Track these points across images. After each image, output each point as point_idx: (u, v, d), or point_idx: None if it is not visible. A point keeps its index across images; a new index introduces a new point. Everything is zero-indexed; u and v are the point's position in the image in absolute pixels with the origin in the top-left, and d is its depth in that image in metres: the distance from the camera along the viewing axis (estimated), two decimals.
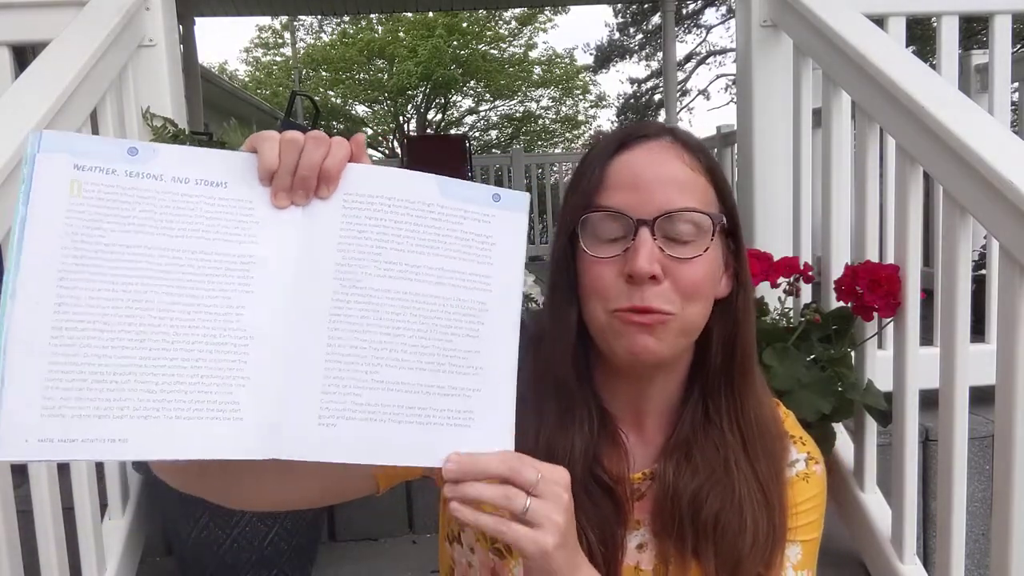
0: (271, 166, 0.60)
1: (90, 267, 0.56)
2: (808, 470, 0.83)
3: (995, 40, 1.91)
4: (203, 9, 6.24)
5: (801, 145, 1.90)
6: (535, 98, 21.17)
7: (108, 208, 0.57)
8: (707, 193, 0.76)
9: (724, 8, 17.43)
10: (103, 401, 0.55)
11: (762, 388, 0.83)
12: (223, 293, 0.59)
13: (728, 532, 0.76)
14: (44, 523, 1.30)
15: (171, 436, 0.56)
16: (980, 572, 1.85)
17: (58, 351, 0.54)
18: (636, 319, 0.72)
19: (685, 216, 0.73)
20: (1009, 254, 1.18)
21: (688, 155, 0.76)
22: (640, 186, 0.73)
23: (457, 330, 0.63)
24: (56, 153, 0.56)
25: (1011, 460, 1.18)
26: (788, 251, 1.88)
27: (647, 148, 0.76)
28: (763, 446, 0.79)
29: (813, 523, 0.83)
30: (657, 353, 0.74)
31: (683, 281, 0.73)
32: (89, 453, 0.55)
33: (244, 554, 1.55)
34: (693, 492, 0.76)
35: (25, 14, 1.75)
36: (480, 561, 0.83)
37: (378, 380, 0.61)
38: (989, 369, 1.22)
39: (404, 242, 0.62)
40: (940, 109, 1.34)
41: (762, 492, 0.77)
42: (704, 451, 0.78)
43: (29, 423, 0.53)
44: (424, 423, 0.62)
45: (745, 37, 2.02)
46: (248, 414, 0.58)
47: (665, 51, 6.92)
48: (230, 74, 19.78)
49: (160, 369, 0.56)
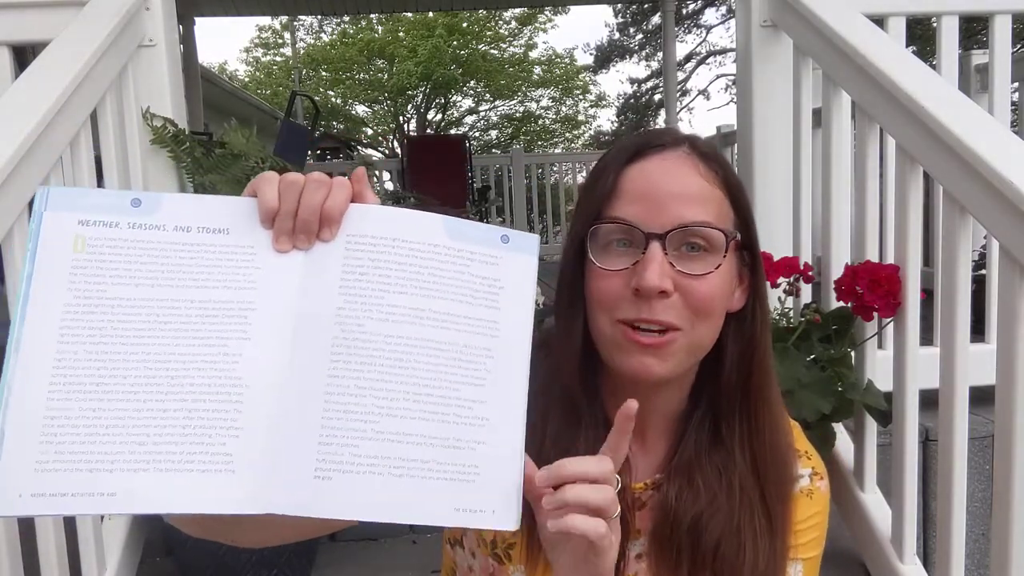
0: (271, 208, 0.59)
1: (90, 322, 0.56)
2: (812, 486, 0.82)
3: (995, 40, 1.91)
4: (203, 9, 6.24)
5: (801, 145, 1.90)
6: (535, 98, 21.17)
7: (110, 262, 0.57)
8: (722, 206, 0.74)
9: (724, 8, 17.43)
10: (94, 455, 0.54)
11: (779, 407, 0.80)
12: (221, 341, 0.58)
13: (727, 559, 0.74)
14: (44, 523, 1.30)
15: (160, 489, 0.55)
16: (980, 572, 1.84)
17: (53, 406, 0.55)
18: (642, 339, 0.71)
19: (698, 231, 0.71)
20: (1009, 254, 1.18)
21: (704, 167, 0.73)
22: (653, 198, 0.71)
23: (463, 378, 0.61)
24: (62, 211, 0.57)
25: (1011, 460, 1.18)
26: (788, 251, 1.88)
27: (663, 158, 0.74)
28: (776, 470, 0.77)
29: (815, 540, 0.82)
30: (660, 375, 0.73)
31: (693, 297, 0.71)
32: (80, 508, 0.54)
33: (244, 554, 1.55)
34: (694, 518, 0.74)
35: (25, 14, 1.75)
36: (480, 566, 0.82)
37: (379, 431, 0.58)
38: (989, 369, 1.22)
39: (408, 285, 0.60)
40: (940, 109, 1.34)
41: (767, 517, 0.76)
42: (707, 474, 0.76)
43: (24, 478, 0.53)
44: (425, 477, 0.59)
45: (745, 37, 2.02)
46: (240, 467, 0.56)
47: (665, 51, 6.91)
48: (230, 74, 19.77)
49: (152, 421, 0.55)
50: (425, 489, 0.59)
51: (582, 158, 8.99)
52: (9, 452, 0.54)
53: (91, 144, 1.58)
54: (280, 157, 2.15)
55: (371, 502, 0.58)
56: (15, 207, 1.25)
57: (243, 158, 1.92)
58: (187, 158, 1.89)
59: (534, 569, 0.77)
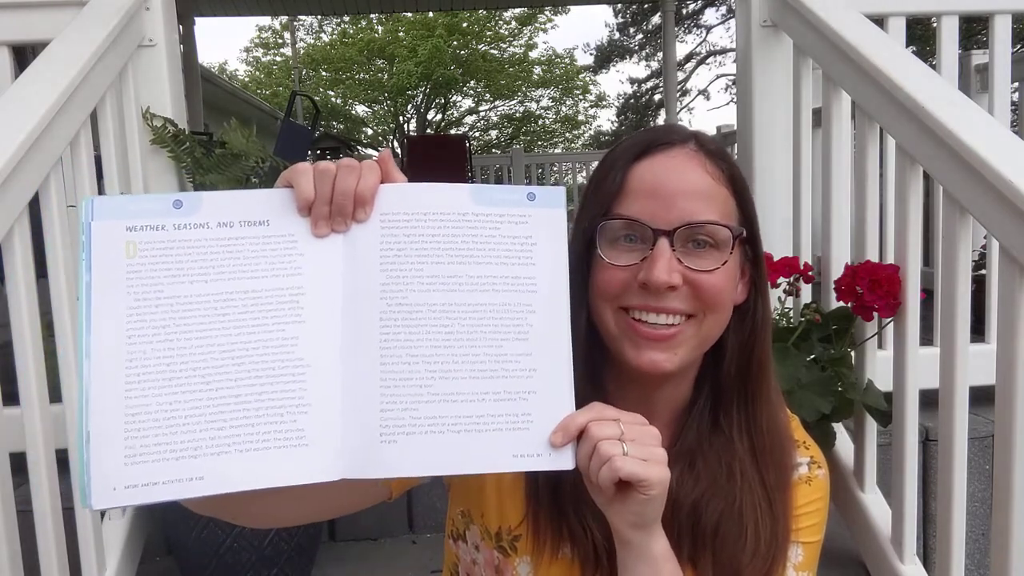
0: (308, 197, 0.62)
1: (153, 322, 0.60)
2: (811, 474, 0.84)
3: (995, 40, 1.91)
4: (203, 9, 6.24)
5: (801, 145, 1.90)
6: (535, 98, 21.19)
7: (162, 263, 0.61)
8: (727, 203, 0.75)
9: (724, 8, 17.44)
10: (178, 444, 0.58)
11: (777, 398, 0.82)
12: (277, 326, 0.61)
13: (728, 541, 0.76)
14: (44, 523, 1.30)
15: (243, 469, 0.59)
16: (980, 572, 1.85)
17: (132, 404, 0.58)
18: (650, 333, 0.73)
19: (705, 228, 0.73)
20: (1009, 254, 1.17)
21: (711, 164, 0.75)
22: (661, 195, 0.73)
23: (507, 334, 0.64)
24: (109, 219, 0.61)
25: (1011, 460, 1.18)
26: (788, 251, 1.88)
27: (670, 155, 0.75)
28: (774, 457, 0.79)
29: (815, 526, 0.83)
30: (668, 369, 0.74)
31: (701, 291, 0.73)
32: (172, 494, 0.58)
33: (244, 554, 1.55)
34: (693, 502, 0.76)
35: (25, 14, 1.75)
36: (485, 559, 0.83)
37: (434, 393, 0.62)
38: (989, 369, 1.22)
39: (444, 254, 0.64)
40: (940, 109, 1.34)
41: (767, 502, 0.77)
42: (708, 460, 0.78)
43: (115, 472, 0.57)
44: (483, 430, 0.63)
45: (745, 37, 2.02)
46: (313, 439, 0.60)
47: (665, 51, 6.92)
48: (230, 74, 19.78)
49: (227, 407, 0.59)
50: (483, 441, 0.63)
51: (582, 158, 9.00)
52: (97, 451, 0.57)
53: (91, 144, 1.58)
54: (280, 157, 2.14)
55: (435, 459, 0.62)
56: (15, 207, 1.25)
57: (243, 158, 1.92)
58: (187, 158, 1.89)
59: (540, 558, 0.78)
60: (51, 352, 1.38)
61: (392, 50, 18.72)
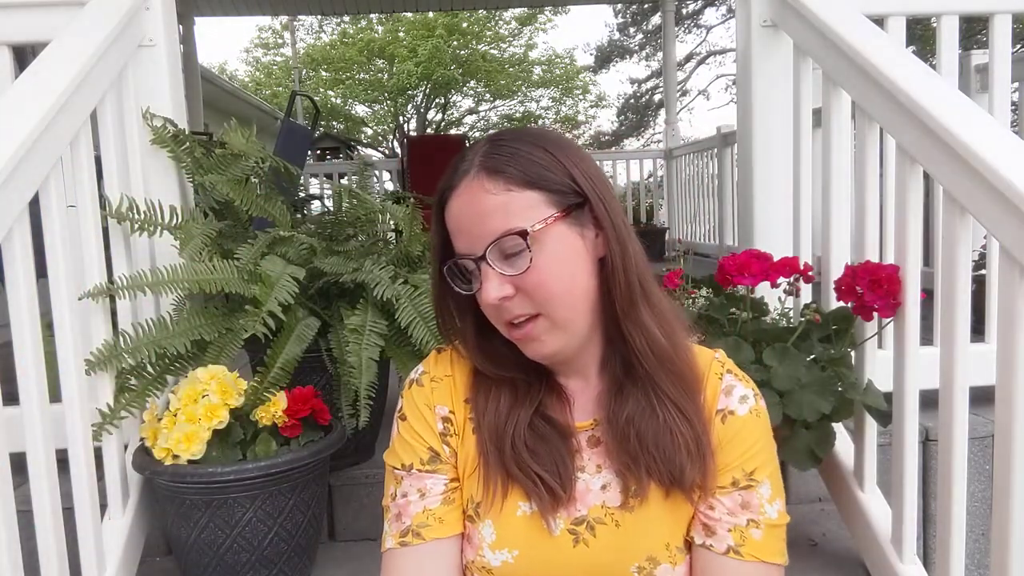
0: None
1: None
2: (757, 406, 0.90)
3: (995, 40, 1.91)
4: (203, 9, 6.24)
5: (801, 145, 1.90)
6: (535, 98, 21.19)
7: None
8: (525, 201, 0.81)
9: (724, 8, 17.44)
10: None
11: (659, 319, 0.87)
12: None
13: (666, 449, 0.85)
14: (44, 523, 1.30)
15: None
16: (980, 572, 1.85)
17: None
18: (515, 333, 0.85)
19: (502, 241, 0.80)
20: (1009, 254, 1.17)
21: (489, 182, 0.81)
22: (465, 229, 0.83)
23: None
24: None
25: (1011, 460, 1.18)
26: (788, 251, 1.88)
27: (460, 192, 0.83)
28: (667, 370, 0.87)
29: (770, 455, 0.89)
30: (546, 353, 0.86)
31: (528, 290, 0.81)
32: None
33: (244, 554, 1.55)
34: (627, 416, 0.86)
35: (25, 14, 1.75)
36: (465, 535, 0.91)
37: None
38: (989, 369, 1.22)
39: None
40: (940, 109, 1.34)
41: (677, 408, 0.86)
42: (630, 388, 0.88)
43: None
44: None
45: (745, 37, 2.02)
46: None
47: (665, 51, 6.92)
48: (230, 74, 19.77)
49: None
50: None
51: None
52: None
53: (91, 144, 1.58)
54: (280, 157, 2.14)
55: None
56: (15, 207, 1.25)
57: (243, 158, 1.92)
58: (187, 158, 1.89)
59: (498, 518, 0.87)
60: (51, 352, 1.38)
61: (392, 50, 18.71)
